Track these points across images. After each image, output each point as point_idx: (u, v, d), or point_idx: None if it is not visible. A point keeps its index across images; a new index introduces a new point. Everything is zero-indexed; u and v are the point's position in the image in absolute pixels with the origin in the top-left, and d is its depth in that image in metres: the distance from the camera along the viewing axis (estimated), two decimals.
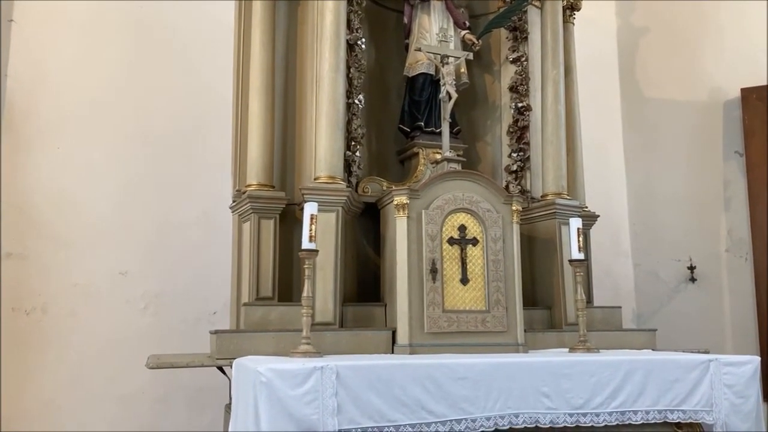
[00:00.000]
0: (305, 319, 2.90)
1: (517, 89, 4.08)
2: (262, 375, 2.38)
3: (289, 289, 3.46)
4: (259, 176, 3.47)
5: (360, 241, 3.76)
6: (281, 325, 3.19)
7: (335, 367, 2.46)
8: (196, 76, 4.71)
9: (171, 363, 3.10)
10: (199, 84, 4.71)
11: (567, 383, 2.78)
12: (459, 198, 3.37)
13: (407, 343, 3.16)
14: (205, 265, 4.56)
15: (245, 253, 3.48)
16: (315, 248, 3.00)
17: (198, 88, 4.71)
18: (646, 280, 5.87)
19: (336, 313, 3.27)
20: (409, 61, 4.01)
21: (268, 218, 3.42)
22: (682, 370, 2.94)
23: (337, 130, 3.43)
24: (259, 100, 3.52)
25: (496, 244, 3.40)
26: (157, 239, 4.56)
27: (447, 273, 3.28)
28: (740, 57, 5.58)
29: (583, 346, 3.37)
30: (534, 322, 3.73)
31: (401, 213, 3.28)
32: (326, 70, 3.45)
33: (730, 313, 5.44)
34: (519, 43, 4.12)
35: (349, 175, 3.60)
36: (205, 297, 4.59)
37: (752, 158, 5.41)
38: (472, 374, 2.67)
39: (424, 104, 3.94)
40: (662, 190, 5.83)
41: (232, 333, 3.12)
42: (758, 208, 5.34)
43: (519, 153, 4.03)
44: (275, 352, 3.02)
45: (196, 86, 4.72)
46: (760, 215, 5.32)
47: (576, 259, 3.51)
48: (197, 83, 4.73)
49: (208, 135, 4.72)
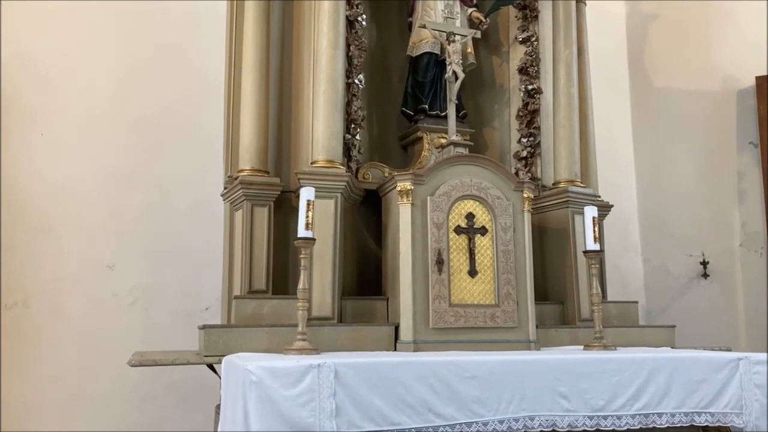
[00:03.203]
0: (301, 313, 2.73)
1: (527, 71, 3.87)
2: (252, 373, 2.17)
3: (285, 281, 3.29)
4: (252, 161, 3.28)
5: (360, 231, 3.57)
6: (275, 319, 2.99)
7: (333, 365, 2.25)
8: (189, 60, 4.51)
9: (155, 360, 2.88)
10: (193, 68, 4.51)
11: (586, 383, 2.57)
12: (467, 184, 3.17)
13: (411, 340, 2.98)
14: (197, 258, 4.38)
15: (237, 243, 3.30)
16: (312, 236, 2.81)
17: (192, 73, 4.51)
18: (656, 275, 5.71)
19: (334, 307, 3.09)
20: (413, 40, 3.81)
21: (262, 206, 3.25)
22: (710, 370, 2.73)
23: (336, 112, 3.23)
24: (252, 80, 3.33)
25: (506, 233, 3.19)
26: (146, 231, 4.37)
27: (454, 264, 3.09)
28: (754, 44, 5.39)
29: (599, 343, 3.17)
30: (545, 317, 3.54)
31: (405, 200, 3.07)
32: (324, 46, 3.25)
33: (744, 309, 5.27)
34: (529, 22, 3.93)
35: (348, 160, 3.41)
36: (197, 292, 4.41)
37: (767, 149, 5.22)
38: (483, 373, 2.46)
39: (429, 86, 3.75)
40: (673, 183, 5.67)
41: (222, 328, 2.91)
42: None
43: (529, 138, 3.83)
44: (268, 349, 2.84)
45: (190, 71, 4.53)
46: None
47: (591, 250, 3.30)
48: (191, 67, 4.53)
49: (202, 122, 4.51)
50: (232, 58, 3.55)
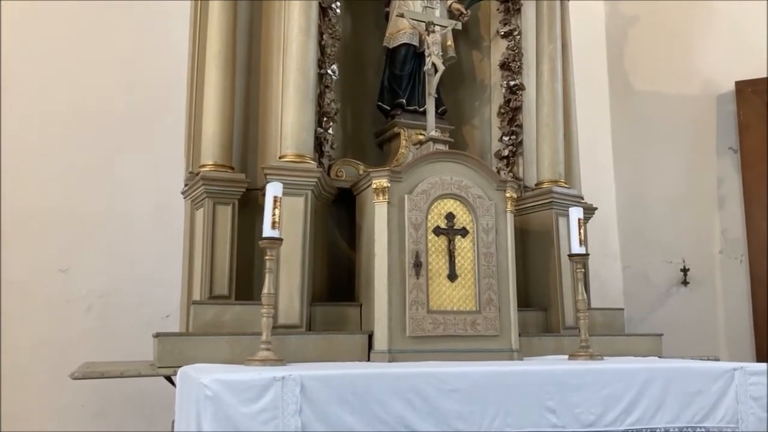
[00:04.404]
0: (265, 320, 2.50)
1: (509, 66, 3.71)
2: (207, 388, 1.93)
3: (249, 286, 3.07)
4: (215, 155, 3.06)
5: (332, 232, 3.36)
6: (237, 327, 2.76)
7: (299, 378, 2.02)
8: (153, 50, 4.26)
9: (101, 372, 2.61)
10: (158, 60, 4.25)
11: (575, 396, 2.37)
12: (447, 182, 2.97)
13: (386, 349, 2.77)
14: (159, 262, 4.13)
15: (198, 244, 3.06)
16: (279, 237, 2.58)
17: (155, 64, 4.25)
18: (635, 283, 5.60)
19: (303, 314, 2.87)
20: (390, 31, 3.63)
21: (225, 204, 3.02)
22: (705, 381, 2.56)
23: (307, 103, 3.01)
24: (216, 68, 3.11)
25: (488, 235, 2.99)
26: (104, 232, 4.11)
27: (432, 267, 2.89)
28: (734, 48, 5.36)
29: (585, 352, 3.00)
30: (528, 325, 3.36)
31: (381, 198, 2.87)
32: (295, 33, 3.04)
33: (725, 317, 5.20)
34: (511, 15, 3.79)
35: (320, 155, 3.20)
36: (157, 298, 4.15)
37: (747, 155, 5.18)
38: (465, 386, 2.25)
39: (407, 79, 3.58)
40: (653, 188, 5.58)
41: (177, 337, 2.66)
42: (754, 207, 5.12)
43: (511, 137, 3.66)
44: (229, 360, 2.60)
45: (154, 63, 4.27)
46: (756, 215, 5.10)
47: (577, 254, 3.13)
48: (155, 59, 4.27)
49: (166, 117, 4.24)
50: (195, 44, 3.33)
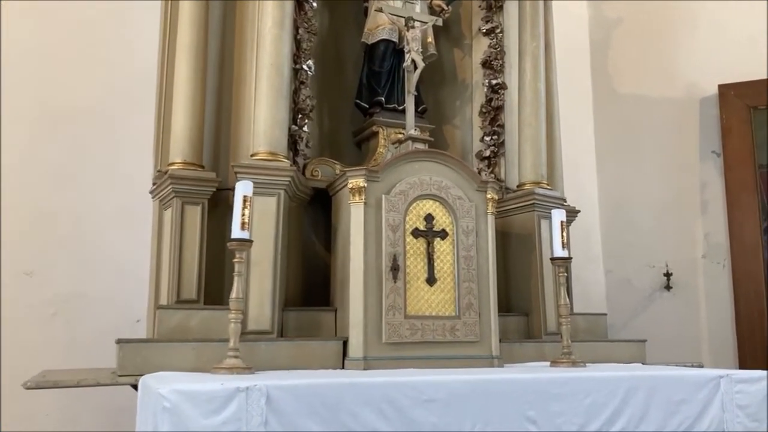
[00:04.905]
0: (233, 326, 2.37)
1: (491, 65, 3.61)
2: (164, 398, 1.80)
3: (220, 291, 2.92)
4: (184, 153, 2.91)
5: (308, 235, 3.23)
6: (204, 333, 2.62)
7: (265, 388, 1.89)
8: (120, 42, 4.09)
9: (55, 382, 2.45)
10: (125, 52, 4.09)
11: (557, 405, 2.27)
12: (426, 182, 2.86)
13: (361, 356, 2.65)
14: (128, 265, 3.95)
15: (165, 246, 2.91)
16: (248, 238, 2.45)
17: (124, 59, 4.08)
18: (618, 288, 5.53)
19: (274, 320, 2.73)
20: (369, 26, 3.51)
21: (194, 204, 2.88)
22: (690, 389, 2.47)
23: (281, 98, 2.88)
24: (187, 62, 2.97)
25: (468, 237, 2.89)
26: (71, 233, 3.94)
27: (410, 271, 2.78)
28: (718, 51, 5.32)
29: (568, 359, 2.90)
30: (509, 330, 3.25)
31: (357, 198, 2.75)
32: (269, 26, 2.92)
33: (707, 322, 5.15)
34: (493, 12, 3.69)
35: (295, 154, 3.07)
36: (127, 302, 3.96)
37: (730, 158, 5.14)
38: (442, 395, 2.14)
39: (386, 76, 3.46)
40: (636, 191, 5.52)
41: (140, 343, 2.51)
42: (736, 211, 5.07)
43: (492, 137, 3.55)
44: (195, 368, 2.46)
45: (122, 57, 4.10)
46: (738, 219, 5.05)
47: (559, 257, 3.03)
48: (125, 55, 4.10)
49: (136, 115, 4.07)
50: (166, 38, 3.18)
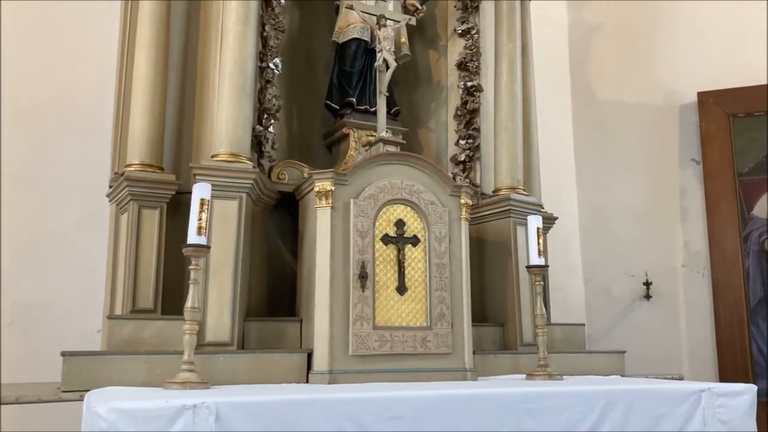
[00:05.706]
0: (188, 337, 2.24)
1: (467, 66, 3.51)
2: (101, 418, 1.66)
3: (178, 301, 2.71)
4: (142, 154, 2.77)
5: (274, 241, 3.09)
6: (158, 345, 2.46)
7: (214, 406, 1.75)
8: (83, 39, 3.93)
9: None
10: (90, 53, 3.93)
11: (531, 422, 2.15)
12: (397, 186, 2.73)
13: (326, 370, 2.51)
14: (90, 272, 3.77)
15: (121, 252, 2.73)
16: (205, 243, 2.30)
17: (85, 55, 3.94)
18: (597, 297, 5.46)
19: (234, 331, 2.58)
20: (339, 25, 3.40)
21: (152, 208, 2.74)
22: (670, 403, 2.36)
23: (244, 97, 2.75)
24: (147, 59, 2.83)
25: (441, 244, 2.76)
26: (31, 238, 3.80)
27: (380, 279, 2.65)
28: (697, 58, 5.31)
29: (544, 371, 2.79)
30: (483, 341, 3.13)
31: (324, 202, 2.61)
32: (232, 22, 2.79)
33: (687, 332, 5.10)
34: (469, 13, 3.59)
35: (260, 156, 2.94)
36: (88, 311, 3.78)
37: (709, 166, 5.12)
38: (409, 412, 2.01)
39: (357, 76, 3.35)
40: (615, 199, 5.47)
41: (87, 356, 2.33)
42: (716, 219, 5.04)
43: (468, 140, 3.45)
44: (147, 382, 2.31)
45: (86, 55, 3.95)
46: (718, 227, 5.02)
47: (535, 265, 2.92)
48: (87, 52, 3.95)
49: (97, 115, 3.92)
50: (126, 34, 3.04)
